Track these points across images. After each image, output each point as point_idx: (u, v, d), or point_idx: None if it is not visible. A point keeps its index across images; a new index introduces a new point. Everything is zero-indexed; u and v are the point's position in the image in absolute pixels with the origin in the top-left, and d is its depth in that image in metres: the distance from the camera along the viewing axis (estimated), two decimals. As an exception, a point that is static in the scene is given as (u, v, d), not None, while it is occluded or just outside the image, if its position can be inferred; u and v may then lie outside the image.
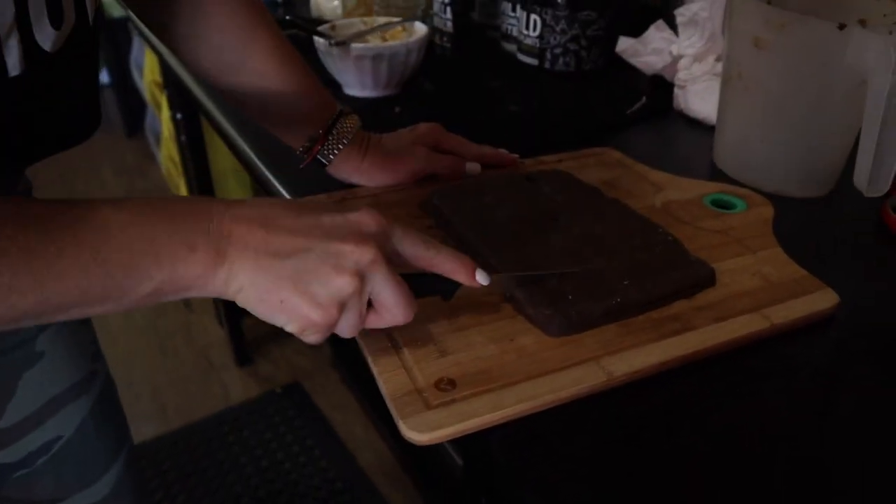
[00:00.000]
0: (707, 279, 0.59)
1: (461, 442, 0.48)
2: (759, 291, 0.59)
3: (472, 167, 0.76)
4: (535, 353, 0.52)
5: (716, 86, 0.94)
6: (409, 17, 1.08)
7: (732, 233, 0.66)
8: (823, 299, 0.58)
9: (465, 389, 0.49)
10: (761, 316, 0.56)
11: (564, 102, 1.01)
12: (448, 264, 0.49)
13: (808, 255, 0.64)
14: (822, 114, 0.74)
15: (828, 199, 0.79)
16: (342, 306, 0.44)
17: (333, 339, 1.65)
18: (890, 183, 0.69)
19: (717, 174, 0.83)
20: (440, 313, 0.56)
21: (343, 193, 0.73)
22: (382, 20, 1.07)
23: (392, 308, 0.47)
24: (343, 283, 0.42)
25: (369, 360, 0.52)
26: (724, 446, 0.47)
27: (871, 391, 0.53)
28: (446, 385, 0.49)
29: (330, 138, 0.70)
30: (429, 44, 1.05)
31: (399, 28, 1.06)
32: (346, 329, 0.46)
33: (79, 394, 0.65)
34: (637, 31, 1.08)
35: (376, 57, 0.95)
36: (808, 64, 0.70)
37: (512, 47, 1.20)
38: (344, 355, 1.91)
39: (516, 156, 0.79)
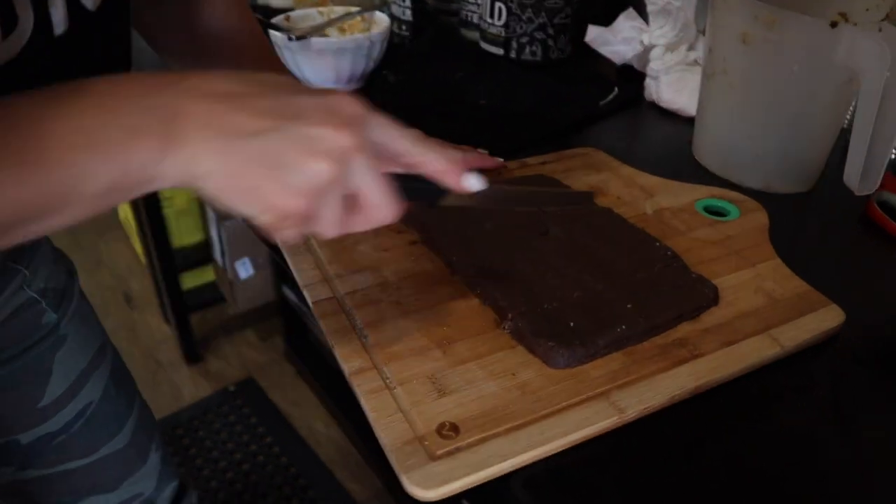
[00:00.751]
0: (711, 300, 0.56)
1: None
2: (765, 310, 0.56)
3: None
4: (540, 389, 0.48)
5: (689, 76, 0.92)
6: (367, 7, 1.01)
7: (730, 244, 0.64)
8: (830, 317, 0.56)
9: (469, 435, 0.45)
10: (770, 338, 0.53)
11: (535, 94, 0.97)
12: (435, 165, 0.43)
13: (799, 255, 0.63)
14: (810, 110, 0.71)
15: (812, 194, 0.78)
16: (320, 196, 0.37)
17: (286, 332, 1.59)
18: (880, 181, 0.68)
19: (699, 170, 0.81)
20: (433, 343, 0.52)
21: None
22: (340, 10, 1.01)
23: (376, 204, 0.40)
24: (319, 169, 0.36)
25: (362, 401, 0.48)
26: (746, 472, 0.46)
27: (884, 400, 0.51)
28: (449, 431, 0.45)
29: None
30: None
31: (358, 18, 1.00)
32: (326, 225, 0.39)
33: (99, 363, 0.70)
34: (605, 19, 1.04)
35: (339, 51, 0.89)
36: (798, 61, 0.68)
37: (473, 35, 1.15)
38: (298, 347, 1.85)
39: (500, 160, 0.74)
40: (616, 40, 0.99)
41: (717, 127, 0.79)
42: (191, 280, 1.95)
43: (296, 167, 0.36)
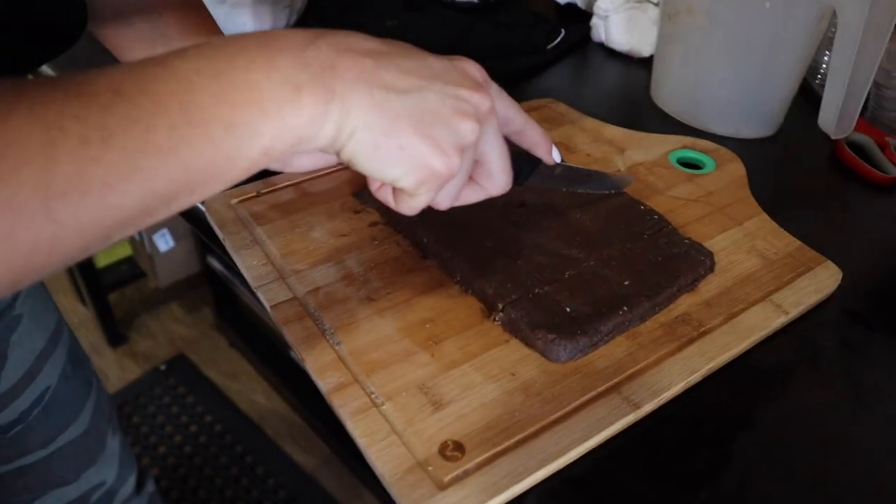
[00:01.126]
0: (709, 268, 0.52)
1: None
2: (761, 273, 0.53)
3: None
4: (545, 389, 0.43)
5: (640, 15, 0.86)
6: (284, -53, 0.90)
7: (712, 200, 0.60)
8: (827, 276, 0.53)
9: (476, 454, 0.39)
10: (773, 305, 0.50)
11: (477, 41, 0.89)
12: (536, 134, 0.44)
13: (777, 205, 0.60)
14: (780, 50, 0.67)
15: (778, 138, 0.75)
16: (464, 156, 0.37)
17: (214, 303, 1.49)
18: (855, 123, 0.65)
19: (661, 116, 0.77)
20: (417, 344, 0.46)
21: (257, 186, 0.59)
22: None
23: (496, 170, 0.40)
24: (467, 128, 0.36)
25: (348, 425, 0.41)
26: (774, 450, 0.43)
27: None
28: (453, 451, 0.40)
29: None
30: (310, -22, 0.89)
31: (274, -38, 0.89)
32: (448, 193, 0.39)
33: (56, 343, 0.65)
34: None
35: (258, 2, 0.79)
36: (772, -2, 0.63)
37: (401, -26, 1.06)
38: (229, 317, 1.76)
39: None
40: (559, -23, 0.92)
41: (680, 70, 0.74)
42: (105, 257, 1.81)
43: (447, 125, 0.35)
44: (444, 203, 0.40)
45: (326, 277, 0.51)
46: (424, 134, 0.35)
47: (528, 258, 0.51)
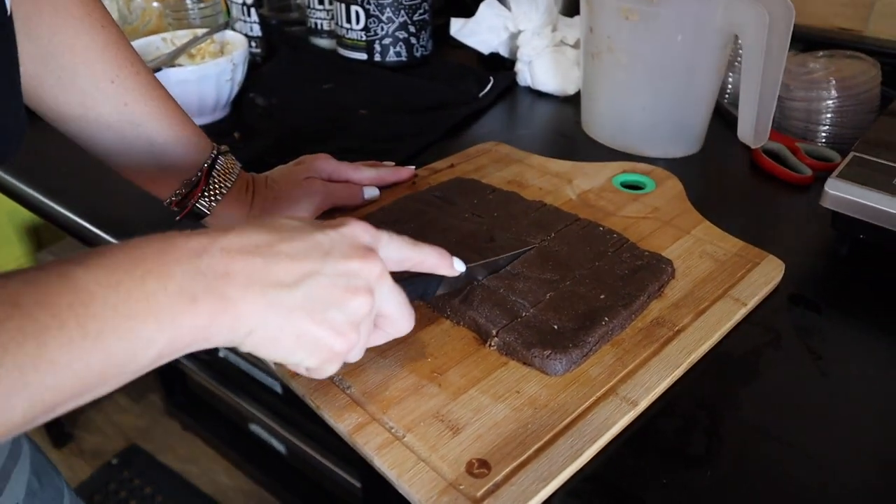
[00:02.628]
0: (671, 274, 0.57)
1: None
2: (716, 273, 0.58)
3: (371, 193, 0.68)
4: (550, 401, 0.47)
5: (559, 58, 0.93)
6: (216, 28, 0.94)
7: (659, 215, 0.66)
8: (772, 268, 0.59)
9: (502, 467, 0.42)
10: (732, 300, 0.56)
11: (411, 96, 0.94)
12: (433, 258, 0.46)
13: (715, 212, 0.67)
14: (696, 76, 0.75)
15: (702, 154, 0.82)
16: (361, 328, 0.40)
17: (163, 388, 1.46)
18: (769, 131, 0.72)
19: (594, 146, 0.83)
20: (424, 378, 0.49)
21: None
22: (185, 34, 0.92)
23: (397, 319, 0.43)
24: (359, 304, 0.39)
25: (375, 461, 0.43)
26: (759, 425, 0.48)
27: (847, 339, 0.55)
28: (480, 468, 0.42)
29: (211, 181, 0.58)
30: (246, 52, 0.93)
31: (208, 41, 0.92)
32: (356, 353, 0.42)
33: (16, 456, 0.59)
34: (459, 11, 1.04)
35: (201, 79, 0.82)
36: (681, 30, 0.71)
37: (326, 42, 1.11)
38: (180, 401, 1.71)
39: (412, 168, 0.72)
40: (481, 30, 0.99)
41: (607, 103, 0.81)
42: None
43: (340, 306, 0.38)
44: (354, 359, 0.42)
45: (323, 329, 0.53)
46: (319, 320, 0.37)
47: (510, 286, 0.55)
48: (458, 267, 0.48)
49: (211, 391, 1.55)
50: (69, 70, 0.51)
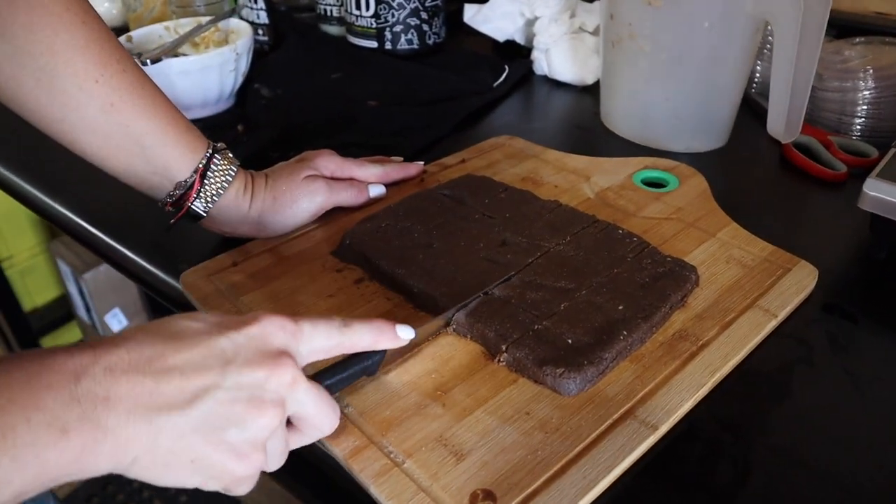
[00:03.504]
0: (694, 282, 0.53)
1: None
2: (744, 280, 0.54)
3: (377, 191, 0.64)
4: (563, 424, 0.43)
5: (578, 45, 0.89)
6: (221, 16, 0.90)
7: (682, 216, 0.61)
8: (805, 275, 0.55)
9: (508, 500, 0.39)
10: (761, 311, 0.51)
11: (424, 86, 0.90)
12: (367, 338, 0.42)
13: (742, 212, 0.62)
14: (723, 65, 0.70)
15: (728, 149, 0.77)
16: (269, 443, 0.36)
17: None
18: (801, 126, 0.68)
19: (614, 139, 0.79)
20: (427, 396, 0.45)
21: (233, 255, 0.58)
22: (188, 22, 0.89)
23: (317, 422, 0.39)
24: (266, 421, 0.35)
25: (371, 489, 0.40)
26: (790, 451, 0.44)
27: (884, 354, 0.51)
28: (484, 500, 0.39)
29: (207, 182, 0.55)
30: (251, 41, 0.89)
31: (212, 29, 0.89)
32: (272, 464, 0.38)
33: None
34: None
35: (204, 70, 0.79)
36: (709, 17, 0.66)
37: (336, 30, 1.07)
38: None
39: (421, 164, 0.68)
40: (496, 16, 0.95)
41: (628, 94, 0.76)
42: (54, 343, 1.73)
43: (241, 426, 0.34)
44: (273, 468, 0.38)
45: (321, 340, 0.50)
46: (216, 442, 0.33)
47: (521, 296, 0.51)
48: (403, 336, 0.43)
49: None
50: (48, 70, 0.48)
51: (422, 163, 0.68)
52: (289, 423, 0.39)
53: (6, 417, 0.28)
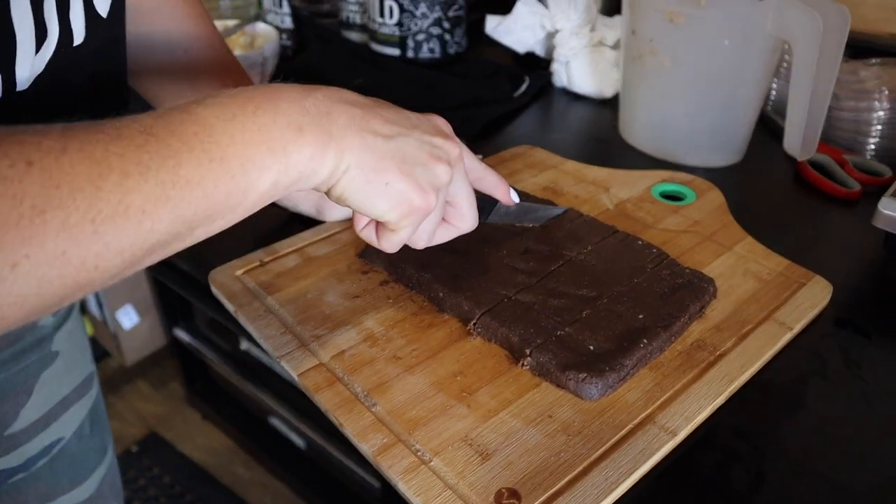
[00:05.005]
0: (713, 293, 0.54)
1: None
2: (760, 294, 0.56)
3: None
4: (584, 427, 0.45)
5: (598, 59, 0.91)
6: (246, 20, 0.92)
7: (699, 229, 0.63)
8: (820, 289, 0.56)
9: (532, 499, 0.40)
10: (777, 323, 0.53)
11: (445, 94, 0.92)
12: (494, 179, 0.49)
13: (757, 227, 0.64)
14: (741, 82, 0.72)
15: (743, 165, 0.79)
16: (439, 195, 0.42)
17: (184, 376, 1.45)
18: (818, 143, 0.69)
19: (631, 152, 0.80)
20: (452, 397, 0.47)
21: (260, 255, 0.60)
22: (217, 25, 0.91)
23: (465, 210, 0.45)
24: (442, 170, 0.41)
25: (400, 486, 0.42)
26: (803, 461, 0.45)
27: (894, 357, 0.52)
28: (509, 498, 0.40)
29: None
30: (276, 46, 0.91)
31: (239, 33, 0.91)
32: (425, 231, 0.44)
33: (82, 394, 0.63)
34: (495, 8, 1.01)
35: (231, 73, 0.80)
36: (729, 35, 0.68)
37: (358, 36, 1.09)
38: (201, 390, 1.72)
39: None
40: (517, 28, 0.96)
41: (647, 108, 0.78)
42: (64, 339, 1.75)
43: (425, 166, 0.40)
44: (421, 241, 0.44)
45: (349, 340, 0.51)
46: (406, 173, 0.39)
47: (544, 302, 0.52)
48: (513, 197, 0.50)
49: (232, 383, 1.55)
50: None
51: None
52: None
53: (259, 118, 0.35)
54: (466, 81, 0.94)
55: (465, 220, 0.46)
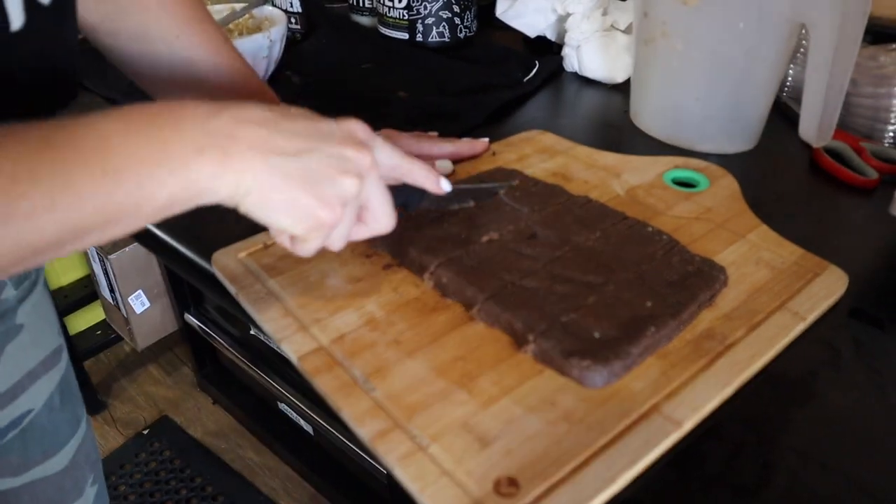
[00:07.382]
0: (723, 282, 0.53)
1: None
2: (772, 283, 0.54)
3: (443, 166, 0.66)
4: (587, 416, 0.44)
5: (610, 43, 0.89)
6: (255, 3, 0.91)
7: (712, 217, 0.61)
8: (835, 279, 0.55)
9: (532, 487, 0.39)
10: (790, 313, 0.51)
11: (455, 78, 0.91)
12: (420, 173, 0.50)
13: (771, 215, 0.62)
14: (755, 66, 0.70)
15: (757, 151, 0.77)
16: (345, 208, 0.43)
17: (195, 361, 1.47)
18: (834, 130, 0.67)
19: (643, 138, 0.79)
20: (453, 383, 0.46)
21: (263, 237, 0.59)
22: (223, 8, 0.90)
23: (380, 215, 0.46)
24: (349, 184, 0.42)
25: (396, 471, 0.41)
26: (813, 453, 0.44)
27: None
28: (508, 487, 0.39)
29: None
30: (285, 28, 0.90)
31: (246, 16, 0.90)
32: (339, 236, 0.45)
33: (49, 367, 0.63)
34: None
35: (238, 55, 0.79)
36: (745, 18, 0.66)
37: (366, 20, 1.07)
38: (211, 375, 1.72)
39: (486, 140, 0.69)
40: (528, 11, 0.95)
41: (659, 92, 0.76)
42: (78, 322, 1.76)
43: (331, 181, 0.41)
44: (336, 245, 0.45)
45: (349, 324, 0.51)
46: (311, 190, 0.40)
47: (549, 288, 0.51)
48: (444, 187, 0.51)
49: (242, 368, 1.56)
50: (141, 26, 0.55)
51: (486, 139, 0.69)
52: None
53: (161, 135, 0.36)
54: (476, 66, 0.93)
55: (381, 222, 0.47)
